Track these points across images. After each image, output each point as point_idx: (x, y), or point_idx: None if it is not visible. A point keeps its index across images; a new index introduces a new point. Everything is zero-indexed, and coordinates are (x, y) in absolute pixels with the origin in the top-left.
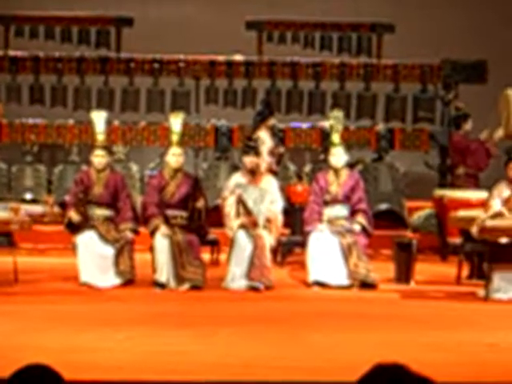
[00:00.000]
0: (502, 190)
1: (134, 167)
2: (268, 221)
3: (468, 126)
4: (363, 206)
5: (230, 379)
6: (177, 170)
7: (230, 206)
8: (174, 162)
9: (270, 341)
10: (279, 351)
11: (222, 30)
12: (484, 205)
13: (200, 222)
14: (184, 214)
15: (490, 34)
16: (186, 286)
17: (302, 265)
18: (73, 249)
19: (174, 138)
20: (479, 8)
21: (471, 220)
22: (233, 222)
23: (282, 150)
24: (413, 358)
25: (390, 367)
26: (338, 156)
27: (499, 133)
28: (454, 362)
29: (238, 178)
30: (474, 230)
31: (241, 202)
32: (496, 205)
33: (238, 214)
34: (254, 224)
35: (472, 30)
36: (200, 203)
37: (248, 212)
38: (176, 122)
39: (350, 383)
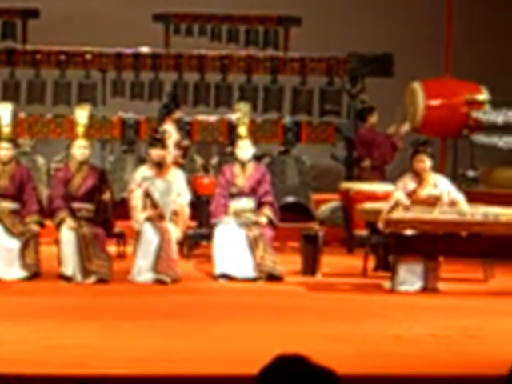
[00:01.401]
0: (407, 183)
1: (41, 160)
2: (174, 213)
3: (373, 118)
4: (269, 198)
5: (136, 372)
6: (82, 163)
7: (136, 199)
8: (80, 155)
9: (176, 334)
10: (185, 344)
11: (129, 22)
12: (389, 197)
13: (106, 215)
14: (90, 206)
15: (396, 27)
16: (92, 279)
17: (208, 257)
18: None
19: (80, 130)
20: (385, 1)
21: (377, 212)
22: (139, 214)
23: (187, 143)
24: (318, 349)
25: (291, 358)
26: (245, 149)
27: (406, 127)
28: (359, 354)
29: (145, 170)
30: (380, 222)
31: (147, 194)
32: (399, 196)
33: (144, 207)
34: (161, 217)
35: (378, 23)
36: (106, 196)
37: (154, 205)
38: (82, 114)
39: (253, 375)
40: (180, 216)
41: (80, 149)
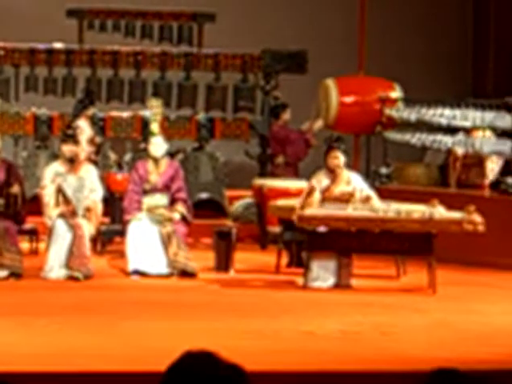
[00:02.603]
0: (321, 179)
1: None
2: (87, 210)
3: (286, 115)
4: (183, 194)
5: (48, 369)
6: None
7: (49, 195)
8: None
9: (88, 330)
10: (98, 340)
11: (43, 17)
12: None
13: (16, 208)
14: (1, 201)
15: (310, 24)
16: (4, 273)
17: (121, 254)
18: None
19: None
20: None
21: (290, 209)
22: (52, 211)
23: (98, 139)
24: (229, 345)
25: (198, 355)
26: (158, 145)
27: (319, 123)
28: (271, 350)
29: (57, 166)
30: (294, 218)
31: (60, 190)
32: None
33: (57, 203)
34: (73, 213)
35: (292, 20)
36: (15, 189)
37: (67, 201)
38: None
39: (162, 372)
40: (93, 212)
41: None
